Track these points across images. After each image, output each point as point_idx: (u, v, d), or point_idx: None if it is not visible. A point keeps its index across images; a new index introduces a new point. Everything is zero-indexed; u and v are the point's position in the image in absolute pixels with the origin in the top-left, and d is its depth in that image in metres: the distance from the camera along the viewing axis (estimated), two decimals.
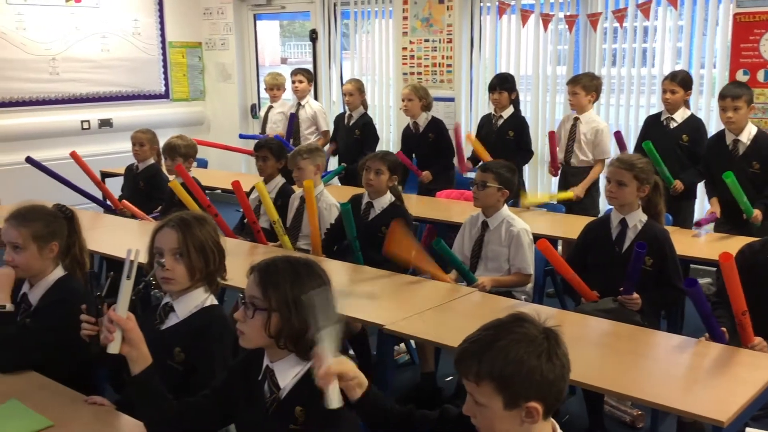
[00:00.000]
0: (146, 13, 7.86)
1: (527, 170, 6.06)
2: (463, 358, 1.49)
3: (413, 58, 6.96)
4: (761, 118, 5.07)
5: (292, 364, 1.83)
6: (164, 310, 2.32)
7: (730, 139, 4.33)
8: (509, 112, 5.42)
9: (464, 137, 5.52)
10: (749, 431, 2.18)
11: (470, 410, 1.50)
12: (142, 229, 4.47)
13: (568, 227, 4.31)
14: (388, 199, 4.06)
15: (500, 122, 5.43)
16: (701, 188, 4.85)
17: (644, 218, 3.36)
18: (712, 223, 4.28)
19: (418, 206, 4.61)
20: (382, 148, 6.42)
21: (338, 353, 1.66)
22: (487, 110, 6.41)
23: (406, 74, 7.02)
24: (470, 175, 5.73)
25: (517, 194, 4.45)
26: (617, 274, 3.19)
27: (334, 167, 6.12)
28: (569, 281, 3.27)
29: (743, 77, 5.11)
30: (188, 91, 8.38)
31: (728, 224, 4.22)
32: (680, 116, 4.75)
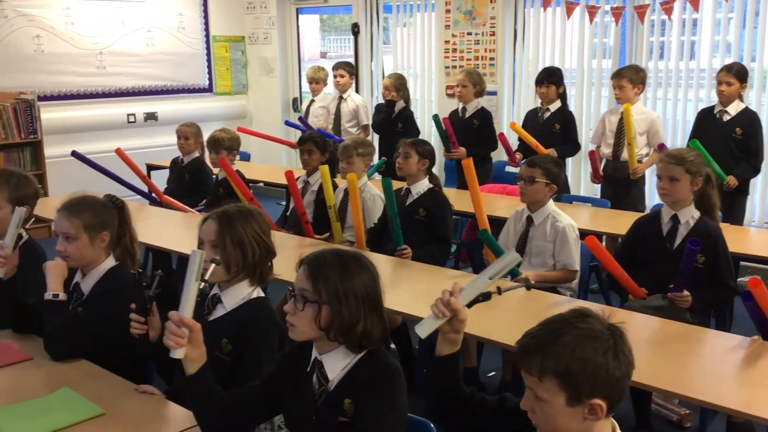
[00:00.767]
0: (191, 7, 7.95)
1: (570, 163, 5.98)
2: (525, 352, 1.46)
3: (455, 51, 6.92)
4: None
5: (341, 356, 1.83)
6: (212, 301, 2.34)
7: None
8: (556, 105, 5.37)
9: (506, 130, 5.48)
10: None
11: (529, 405, 1.48)
12: (186, 221, 4.52)
13: (613, 223, 4.25)
14: (425, 184, 4.06)
15: (547, 115, 5.38)
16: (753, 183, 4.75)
17: (696, 214, 3.28)
18: None
19: (458, 200, 4.58)
20: None
21: (468, 307, 1.75)
22: (529, 104, 6.39)
23: (447, 67, 6.99)
24: (511, 169, 5.69)
25: (563, 188, 4.40)
26: (667, 270, 3.13)
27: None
28: (617, 278, 3.22)
29: None
30: (231, 84, 8.46)
31: None
32: (734, 109, 4.66)
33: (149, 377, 2.54)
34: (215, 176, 5.27)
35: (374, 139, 6.44)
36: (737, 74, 4.61)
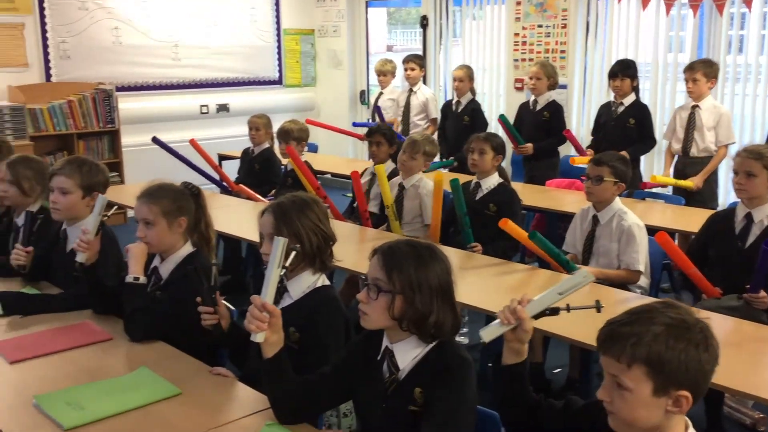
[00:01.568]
0: (263, 1, 8.08)
1: (643, 159, 5.84)
2: (613, 340, 1.44)
3: (525, 44, 6.84)
4: None
5: (412, 345, 1.84)
6: (279, 291, 2.38)
7: None
8: (630, 99, 5.25)
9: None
10: None
11: (608, 394, 1.46)
12: (256, 210, 4.54)
13: (685, 220, 4.15)
14: (495, 179, 4.04)
15: (621, 110, 5.27)
16: None
17: None
18: None
19: (526, 194, 4.53)
20: None
21: (534, 318, 1.77)
22: (601, 98, 6.27)
23: (517, 60, 6.92)
24: (581, 165, 5.59)
25: (632, 185, 4.31)
26: (739, 269, 3.05)
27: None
28: (690, 276, 3.15)
29: None
30: (300, 77, 8.57)
31: None
32: None
33: (221, 362, 2.60)
34: (284, 167, 5.36)
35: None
36: None
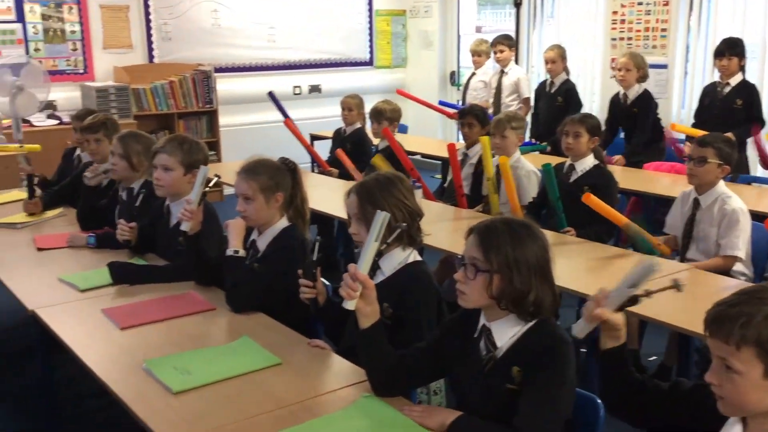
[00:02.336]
0: None
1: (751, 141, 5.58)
2: (721, 321, 1.41)
3: (623, 22, 6.63)
4: None
5: (511, 324, 1.84)
6: (372, 266, 2.41)
7: None
8: (737, 79, 5.02)
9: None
10: None
11: (716, 377, 1.43)
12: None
13: None
14: (591, 161, 3.94)
15: (727, 90, 5.05)
16: None
17: None
18: None
19: (622, 177, 4.41)
20: None
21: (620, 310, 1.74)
22: (704, 78, 6.03)
23: (614, 39, 6.72)
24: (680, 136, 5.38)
25: (738, 168, 4.14)
26: None
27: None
28: None
29: None
30: (391, 58, 8.58)
31: None
32: None
33: (317, 336, 2.66)
34: (374, 147, 5.40)
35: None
36: None
